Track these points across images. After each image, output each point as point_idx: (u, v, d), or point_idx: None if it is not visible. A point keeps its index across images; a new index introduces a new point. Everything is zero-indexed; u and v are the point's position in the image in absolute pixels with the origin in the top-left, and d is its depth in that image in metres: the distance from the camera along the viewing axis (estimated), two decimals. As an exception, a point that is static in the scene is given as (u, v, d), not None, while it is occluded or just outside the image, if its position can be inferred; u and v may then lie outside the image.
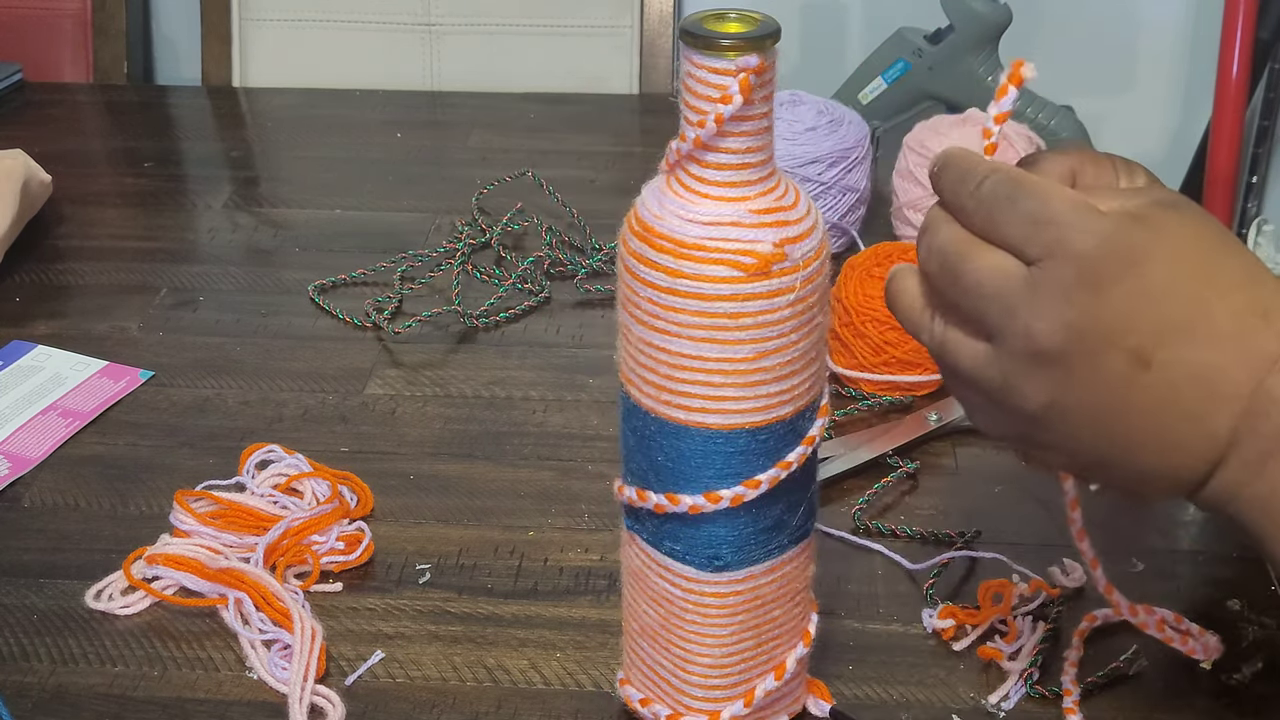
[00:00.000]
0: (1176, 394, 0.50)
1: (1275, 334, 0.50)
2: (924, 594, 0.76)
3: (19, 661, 0.73)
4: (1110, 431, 0.51)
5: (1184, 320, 0.49)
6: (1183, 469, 0.51)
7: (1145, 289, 0.49)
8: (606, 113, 1.41)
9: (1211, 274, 0.50)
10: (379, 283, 1.08)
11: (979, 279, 0.51)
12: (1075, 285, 0.49)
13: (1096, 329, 0.49)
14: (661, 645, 0.64)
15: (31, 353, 0.99)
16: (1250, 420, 0.50)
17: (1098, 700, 0.69)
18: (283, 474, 0.84)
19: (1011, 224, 0.50)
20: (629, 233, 0.57)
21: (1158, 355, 0.49)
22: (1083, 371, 0.50)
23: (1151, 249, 0.50)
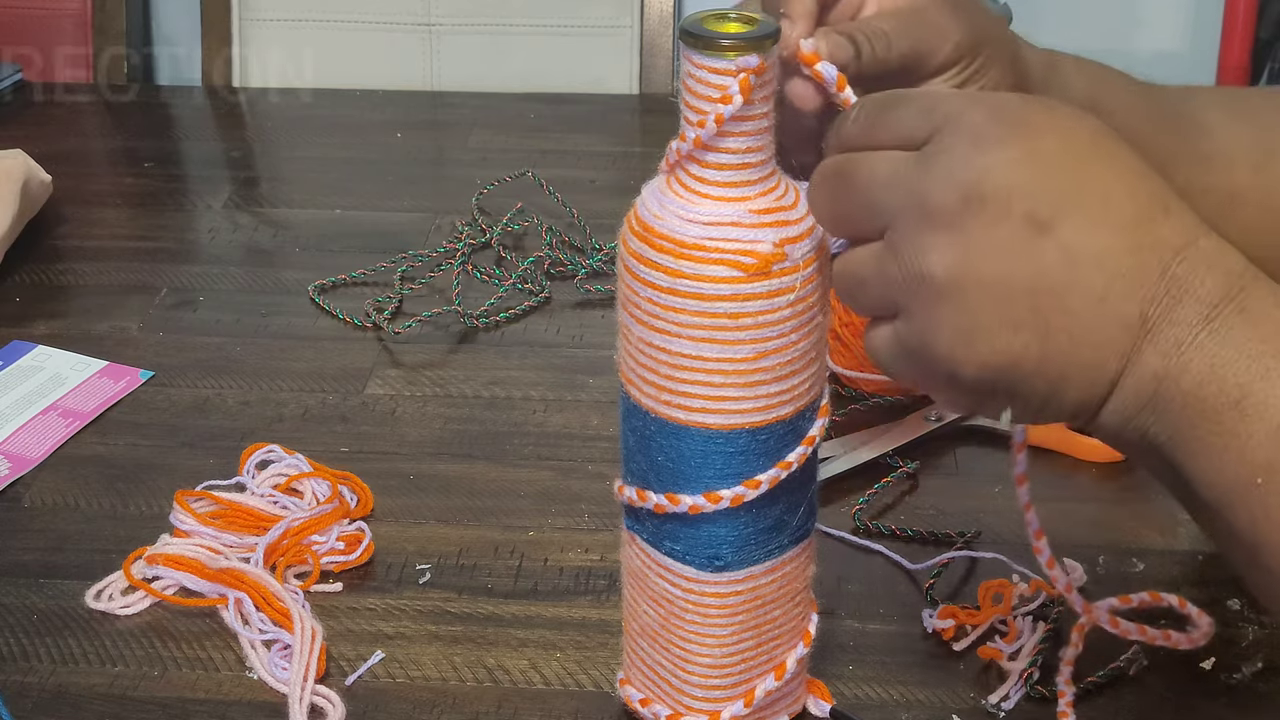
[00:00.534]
0: (1078, 271, 0.47)
1: (1174, 227, 0.48)
2: (924, 594, 0.76)
3: (19, 661, 0.73)
4: (1017, 313, 0.47)
5: (1079, 194, 0.47)
6: (1094, 362, 0.48)
7: (1038, 154, 0.47)
8: (606, 113, 1.41)
9: (1109, 159, 0.48)
10: (379, 283, 1.08)
11: (871, 170, 0.49)
12: (967, 148, 0.47)
13: (989, 192, 0.47)
14: (661, 645, 0.64)
15: (31, 353, 0.99)
16: (1162, 307, 0.47)
17: (1097, 700, 0.69)
18: (283, 474, 0.84)
19: (897, 123, 0.49)
20: (629, 233, 0.57)
21: (1055, 226, 0.47)
22: (979, 240, 0.47)
23: (1046, 124, 0.48)
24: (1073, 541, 0.78)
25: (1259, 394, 0.47)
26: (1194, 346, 0.47)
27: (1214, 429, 0.47)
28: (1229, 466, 0.48)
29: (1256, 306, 0.48)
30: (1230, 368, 0.47)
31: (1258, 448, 0.47)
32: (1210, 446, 0.48)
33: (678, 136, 0.55)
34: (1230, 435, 0.47)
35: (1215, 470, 0.48)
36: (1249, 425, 0.47)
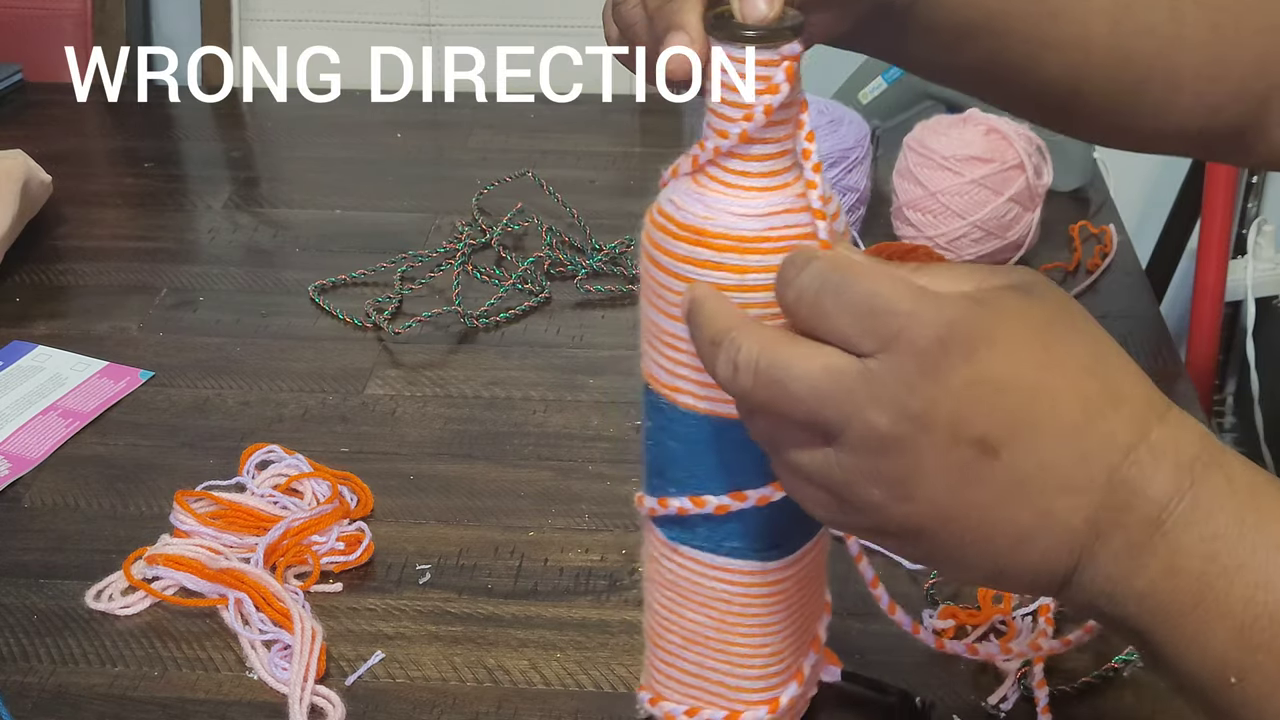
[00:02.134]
0: (1024, 488, 0.47)
1: (1126, 421, 0.47)
2: (924, 594, 0.76)
3: (19, 661, 0.73)
4: (960, 526, 0.47)
5: (1028, 411, 0.46)
6: (1041, 565, 0.48)
7: (988, 378, 0.46)
8: (606, 113, 1.41)
9: (1058, 360, 0.47)
10: (379, 283, 1.08)
11: (811, 384, 0.47)
12: (916, 376, 0.46)
13: (940, 420, 0.46)
14: (715, 648, 0.63)
15: (31, 353, 0.99)
16: (1111, 513, 0.47)
17: (1097, 700, 0.70)
18: (283, 474, 0.84)
19: (840, 315, 0.47)
20: (671, 240, 0.55)
21: (1005, 447, 0.46)
22: (930, 463, 0.46)
23: (994, 335, 0.47)
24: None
25: (1218, 593, 0.46)
26: (1147, 550, 0.47)
27: (1176, 630, 0.47)
28: (1196, 665, 0.47)
29: (1208, 499, 0.47)
30: (1185, 573, 0.46)
31: (1224, 648, 0.47)
32: (1174, 645, 0.47)
33: (714, 134, 0.54)
34: (1193, 636, 0.47)
35: (1185, 665, 0.48)
36: (1210, 628, 0.47)
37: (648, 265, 0.57)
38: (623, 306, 1.05)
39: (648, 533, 0.63)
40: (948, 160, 1.04)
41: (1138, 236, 1.51)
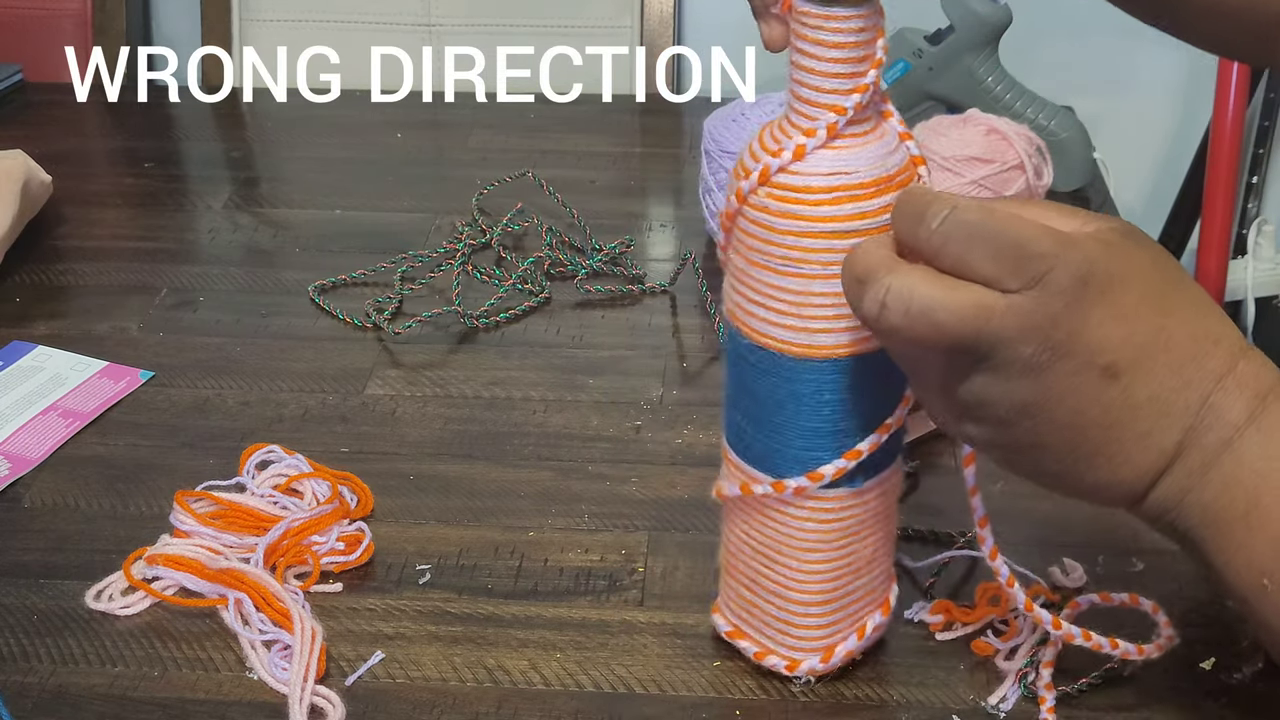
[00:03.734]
0: (1135, 413, 0.53)
1: (1221, 356, 0.54)
2: (925, 594, 0.76)
3: (19, 661, 0.73)
4: (1072, 441, 0.54)
5: (1149, 342, 0.53)
6: (1131, 478, 0.55)
7: (1119, 312, 0.52)
8: (606, 113, 1.41)
9: (1171, 301, 0.54)
10: (379, 283, 1.08)
11: (963, 319, 0.52)
12: (1063, 311, 0.52)
13: (1078, 347, 0.52)
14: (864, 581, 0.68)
15: (32, 353, 0.99)
16: (1195, 434, 0.54)
17: (1097, 700, 0.70)
18: (283, 474, 0.84)
19: (987, 259, 0.52)
20: (818, 206, 0.58)
21: (1125, 373, 0.53)
22: (1060, 385, 0.53)
23: (1125, 275, 0.53)
24: (1073, 541, 0.79)
25: (1264, 506, 0.53)
26: (1215, 466, 0.54)
27: (1227, 538, 0.54)
28: (1242, 571, 0.54)
29: (1271, 424, 0.54)
30: (1241, 485, 0.54)
31: (1261, 555, 0.54)
32: (1225, 552, 0.55)
33: (849, 96, 0.58)
34: (1240, 544, 0.54)
35: (1233, 572, 0.55)
36: (1254, 536, 0.54)
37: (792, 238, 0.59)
38: (623, 306, 1.05)
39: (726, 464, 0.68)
40: (948, 161, 1.04)
41: (1138, 236, 1.51)
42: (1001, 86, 1.20)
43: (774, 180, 0.59)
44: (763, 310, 0.61)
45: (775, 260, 0.60)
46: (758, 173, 0.59)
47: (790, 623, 0.68)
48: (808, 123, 0.59)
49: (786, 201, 0.59)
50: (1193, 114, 1.66)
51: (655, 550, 0.80)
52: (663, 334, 1.02)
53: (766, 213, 0.59)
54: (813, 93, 0.58)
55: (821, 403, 0.62)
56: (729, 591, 0.71)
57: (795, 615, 0.68)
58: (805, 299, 0.60)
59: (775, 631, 0.69)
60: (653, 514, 0.83)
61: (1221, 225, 1.60)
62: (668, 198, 1.24)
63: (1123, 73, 1.63)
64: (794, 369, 0.61)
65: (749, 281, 0.61)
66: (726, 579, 0.71)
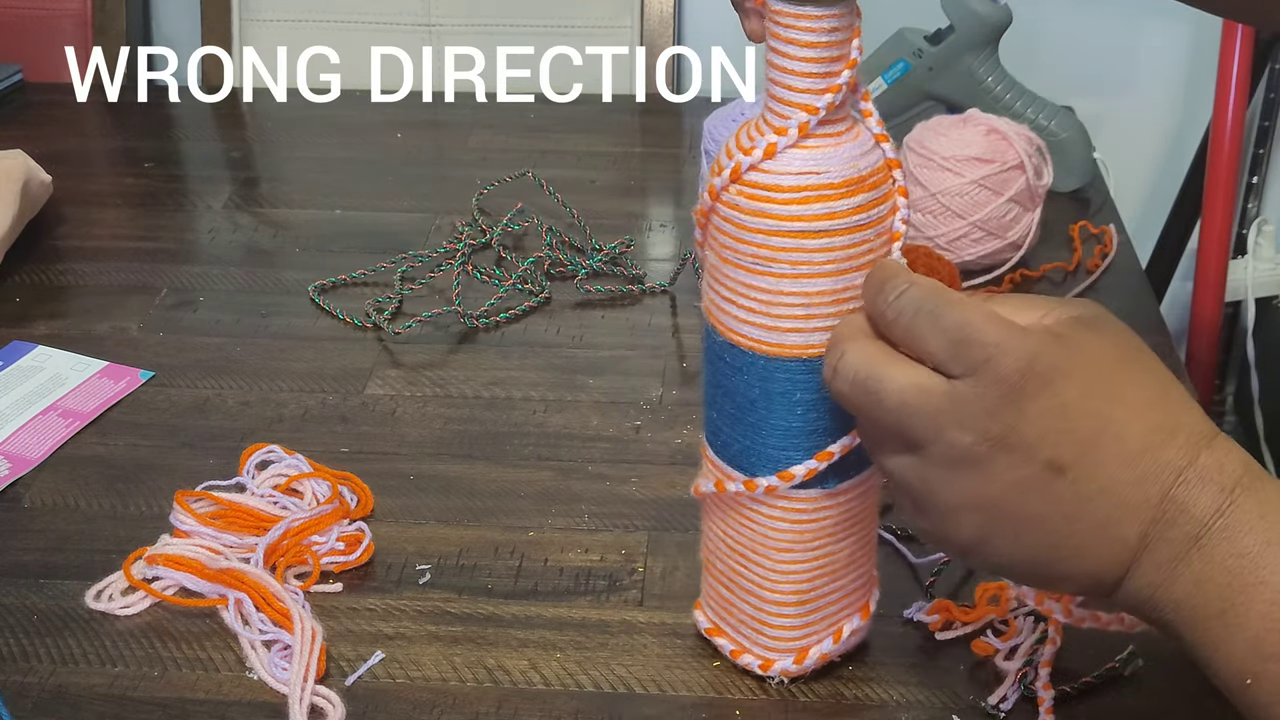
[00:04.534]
0: (1088, 505, 0.53)
1: (1180, 448, 0.53)
2: (925, 594, 0.76)
3: (19, 662, 0.73)
4: (1027, 537, 0.53)
5: (1096, 437, 0.52)
6: (1097, 572, 0.54)
7: (1062, 407, 0.52)
8: (606, 113, 1.41)
9: (1123, 392, 0.53)
10: (379, 283, 1.08)
11: (902, 399, 0.53)
12: (999, 403, 0.51)
13: (1017, 442, 0.52)
14: (839, 584, 0.68)
15: (32, 353, 0.99)
16: (1159, 527, 0.53)
17: (1097, 700, 0.70)
18: (283, 474, 0.84)
19: (933, 339, 0.52)
20: (792, 205, 0.58)
21: (1071, 469, 0.52)
22: (1003, 479, 0.52)
23: (1070, 368, 0.52)
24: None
25: (1239, 606, 0.52)
26: (1184, 563, 0.53)
27: (1203, 636, 0.53)
28: (1221, 666, 0.53)
29: (1239, 520, 0.52)
30: (1214, 583, 0.52)
31: (1241, 656, 0.52)
32: (1204, 647, 0.53)
33: (822, 96, 0.58)
34: (1218, 642, 0.53)
35: (1213, 666, 0.53)
36: (1231, 636, 0.52)
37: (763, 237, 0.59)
38: (623, 306, 1.05)
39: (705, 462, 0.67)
40: (948, 161, 1.04)
41: (1138, 236, 1.52)
42: (1001, 86, 1.20)
43: (745, 178, 0.59)
44: (735, 308, 0.61)
45: (746, 258, 0.60)
46: (730, 170, 0.59)
47: (764, 622, 0.68)
48: (780, 121, 0.59)
49: (757, 200, 0.59)
50: (1193, 114, 1.65)
51: (655, 550, 0.80)
52: (663, 334, 1.02)
53: (738, 210, 0.59)
54: (786, 91, 0.58)
55: (793, 402, 0.62)
56: (708, 589, 0.71)
57: (769, 615, 0.68)
58: (775, 298, 0.60)
59: (751, 630, 0.69)
60: (653, 514, 0.83)
61: (1221, 225, 1.59)
62: (668, 198, 1.24)
63: (1123, 73, 1.63)
64: (766, 368, 0.61)
65: (722, 279, 0.61)
66: (706, 576, 0.71)
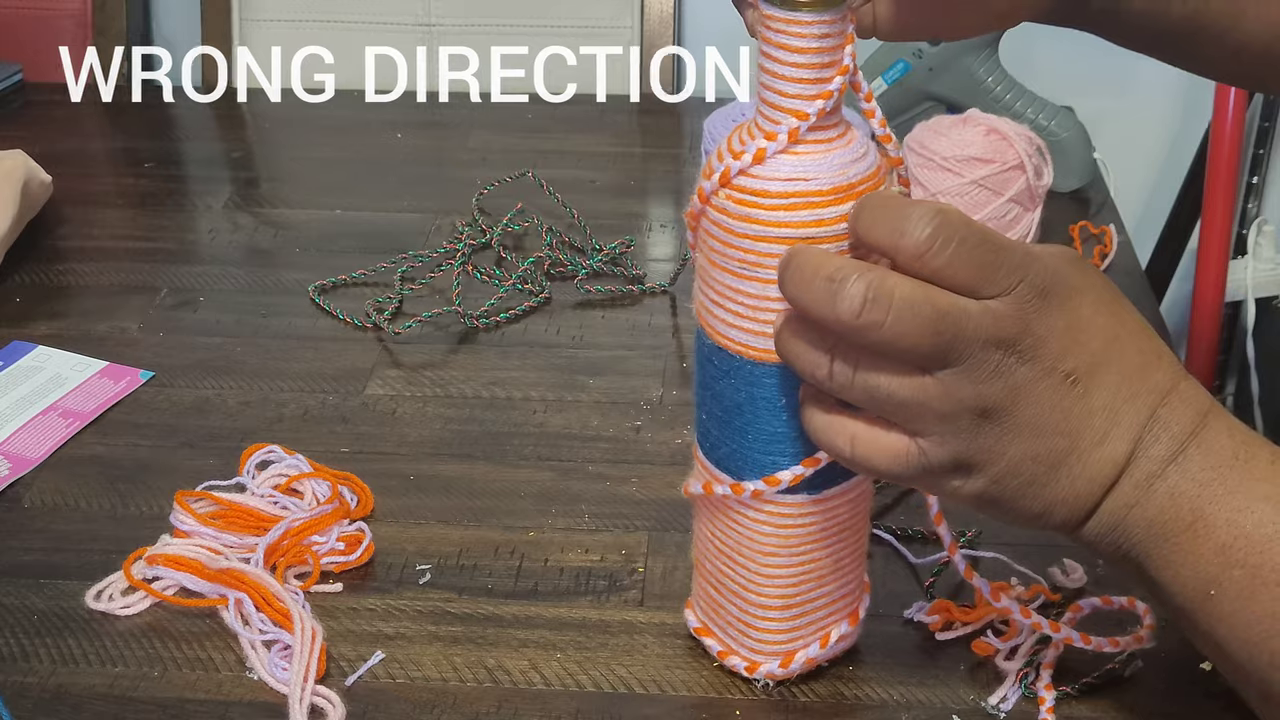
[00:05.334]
0: (1092, 419, 0.55)
1: (1166, 371, 0.57)
2: (925, 593, 0.76)
3: (19, 662, 0.73)
4: (1034, 450, 0.55)
5: (1103, 351, 0.55)
6: (1084, 492, 0.56)
7: (1080, 321, 0.55)
8: (606, 113, 1.41)
9: (1123, 317, 0.57)
10: (379, 283, 1.08)
11: (943, 317, 0.53)
12: (1032, 316, 0.54)
13: (1042, 354, 0.54)
14: (826, 589, 0.68)
15: (32, 353, 0.99)
16: (1144, 445, 0.56)
17: (1098, 700, 0.70)
18: (283, 474, 0.84)
19: (967, 268, 0.53)
20: (776, 211, 0.58)
21: (1083, 380, 0.55)
22: (1024, 389, 0.54)
23: (1083, 285, 0.56)
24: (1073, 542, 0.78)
25: (1208, 515, 0.55)
26: (1160, 478, 0.56)
27: (1173, 549, 0.56)
28: (1187, 580, 0.56)
29: (1212, 438, 0.56)
30: (1185, 496, 0.55)
31: (1207, 564, 0.55)
32: (1171, 563, 0.56)
33: (813, 102, 0.57)
34: (1186, 553, 0.56)
35: (1178, 583, 0.56)
36: (1199, 544, 0.55)
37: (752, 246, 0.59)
38: (623, 306, 1.05)
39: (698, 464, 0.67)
40: (948, 161, 1.04)
41: (1138, 236, 1.52)
42: (1001, 86, 1.20)
43: (734, 183, 0.59)
44: (723, 312, 0.61)
45: (734, 263, 0.59)
46: (719, 174, 0.59)
47: (750, 624, 0.68)
48: (771, 126, 0.58)
49: (745, 205, 0.58)
50: (1193, 114, 1.66)
51: (655, 550, 0.80)
52: (663, 334, 1.02)
53: (726, 215, 0.59)
54: (777, 96, 0.58)
55: (780, 407, 0.61)
56: (698, 589, 0.72)
57: (755, 618, 0.68)
58: (763, 303, 0.59)
59: (737, 632, 0.69)
60: (653, 514, 0.83)
61: (1221, 225, 1.59)
62: (668, 198, 1.24)
63: (1123, 73, 1.63)
64: (753, 372, 0.61)
65: (711, 282, 0.61)
66: (696, 576, 0.71)
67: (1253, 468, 0.55)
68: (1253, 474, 0.55)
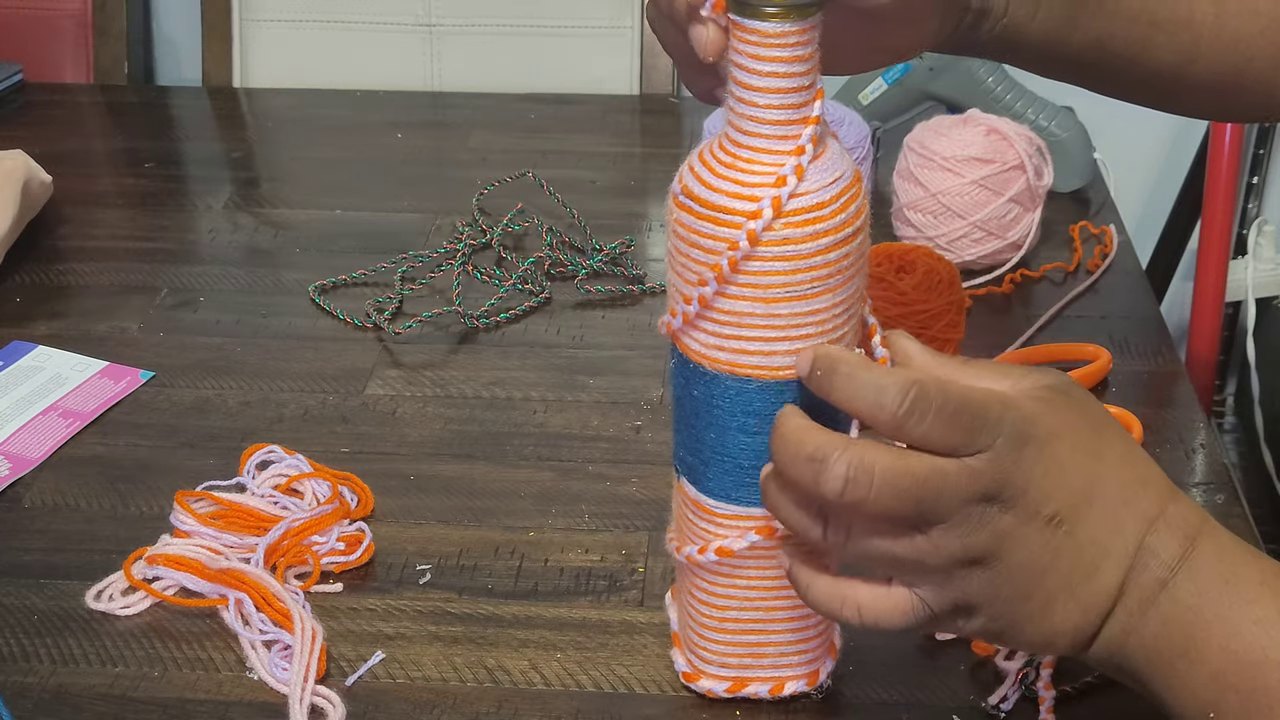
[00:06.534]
0: (1081, 555, 0.56)
1: (1151, 499, 0.57)
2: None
3: (19, 662, 0.73)
4: (1027, 589, 0.56)
5: (1086, 489, 0.56)
6: (1082, 622, 0.57)
7: (1058, 465, 0.55)
8: (607, 113, 1.41)
9: (1102, 449, 0.57)
10: (379, 283, 1.08)
11: (924, 485, 0.54)
12: (1010, 468, 0.54)
13: (1025, 501, 0.55)
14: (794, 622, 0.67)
15: (32, 353, 0.99)
16: (1134, 574, 0.56)
17: (1098, 701, 0.70)
18: (283, 474, 0.84)
19: (947, 434, 0.54)
20: (791, 229, 0.57)
21: (1067, 521, 0.55)
22: (1010, 536, 0.55)
23: (1060, 429, 0.56)
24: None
25: (1200, 643, 0.56)
26: (1153, 605, 0.56)
27: (1171, 674, 0.57)
28: (1187, 703, 0.56)
29: (1200, 562, 0.56)
30: (1177, 623, 0.56)
31: (1204, 689, 0.56)
32: (1170, 687, 0.57)
33: (813, 105, 0.57)
34: (1183, 678, 0.56)
35: (1179, 705, 0.57)
36: (1194, 670, 0.56)
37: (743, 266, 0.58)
38: (623, 307, 1.05)
39: (689, 515, 0.66)
40: (948, 161, 1.04)
41: (1138, 236, 1.52)
42: (1002, 87, 1.20)
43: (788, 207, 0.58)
44: (702, 332, 0.60)
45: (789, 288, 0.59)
46: (769, 202, 0.57)
47: (696, 632, 0.68)
48: (785, 143, 0.57)
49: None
50: (1193, 114, 1.65)
51: (655, 550, 0.80)
52: (663, 334, 1.02)
53: (789, 243, 0.58)
54: (785, 112, 0.57)
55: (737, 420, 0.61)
56: (676, 585, 0.71)
57: (701, 628, 0.68)
58: (744, 319, 0.59)
59: (688, 633, 0.69)
60: (653, 514, 0.83)
61: (1221, 225, 1.59)
62: (668, 198, 1.24)
63: (1123, 73, 1.63)
64: (695, 373, 0.61)
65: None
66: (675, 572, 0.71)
67: (1242, 590, 0.56)
68: (1242, 596, 0.56)
